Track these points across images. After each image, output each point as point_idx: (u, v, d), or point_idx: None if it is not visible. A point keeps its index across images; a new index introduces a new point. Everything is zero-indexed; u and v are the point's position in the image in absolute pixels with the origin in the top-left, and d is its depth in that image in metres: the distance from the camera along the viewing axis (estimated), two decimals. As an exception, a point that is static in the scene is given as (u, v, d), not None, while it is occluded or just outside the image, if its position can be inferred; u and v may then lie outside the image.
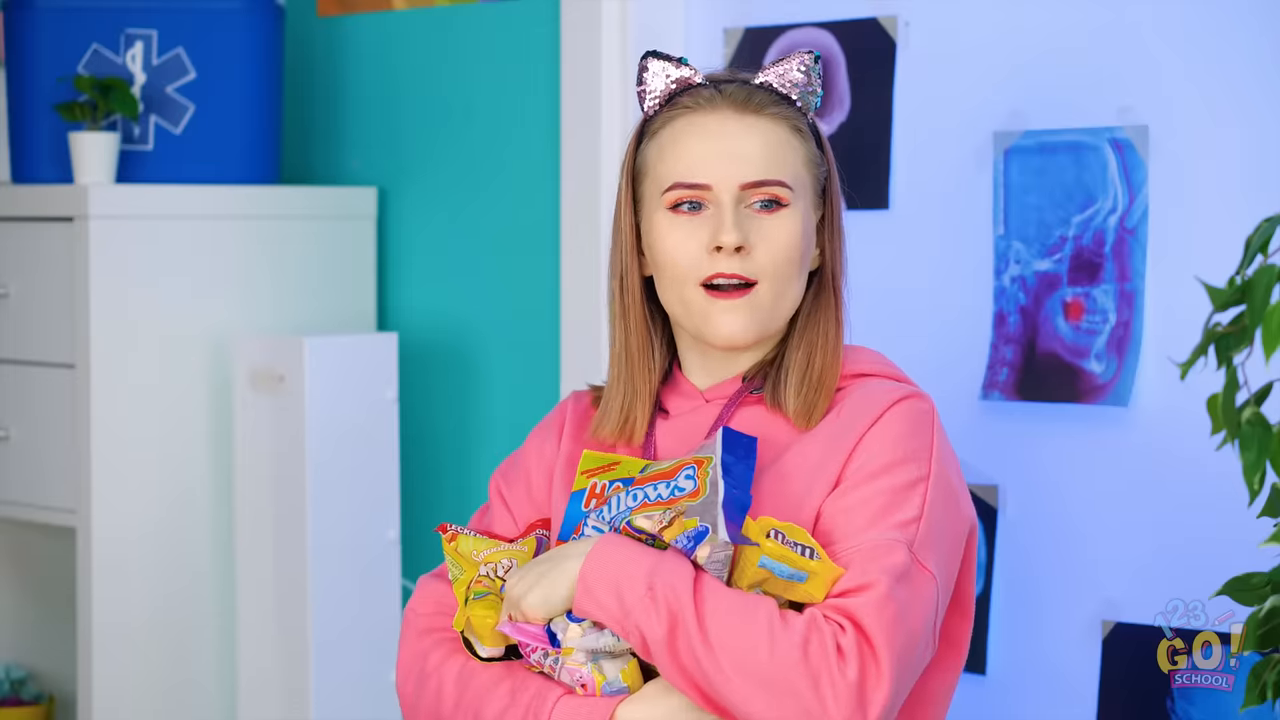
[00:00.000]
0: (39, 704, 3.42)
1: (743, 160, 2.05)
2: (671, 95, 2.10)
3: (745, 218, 2.04)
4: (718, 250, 2.03)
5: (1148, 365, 2.55)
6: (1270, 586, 1.80)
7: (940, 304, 2.75)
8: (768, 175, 2.05)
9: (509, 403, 3.19)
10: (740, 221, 2.03)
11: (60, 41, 3.18)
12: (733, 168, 2.04)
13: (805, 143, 2.09)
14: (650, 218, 2.09)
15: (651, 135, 2.10)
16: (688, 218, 2.05)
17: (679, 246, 2.05)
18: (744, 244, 2.03)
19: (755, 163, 2.05)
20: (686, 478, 1.96)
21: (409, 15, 3.32)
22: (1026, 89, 2.67)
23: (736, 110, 2.06)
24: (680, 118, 2.08)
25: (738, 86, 2.08)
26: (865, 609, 1.88)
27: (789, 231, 2.05)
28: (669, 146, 2.07)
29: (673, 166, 2.06)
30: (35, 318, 3.16)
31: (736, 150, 2.05)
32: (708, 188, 2.04)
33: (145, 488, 3.13)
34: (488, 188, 3.23)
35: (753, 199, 2.05)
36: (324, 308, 3.30)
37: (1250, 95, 2.48)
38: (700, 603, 1.87)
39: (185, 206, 3.17)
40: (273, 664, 3.12)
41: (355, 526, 3.13)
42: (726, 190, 2.04)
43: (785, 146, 2.07)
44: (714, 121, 2.06)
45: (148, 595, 3.13)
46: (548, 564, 1.95)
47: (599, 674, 1.94)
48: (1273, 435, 1.64)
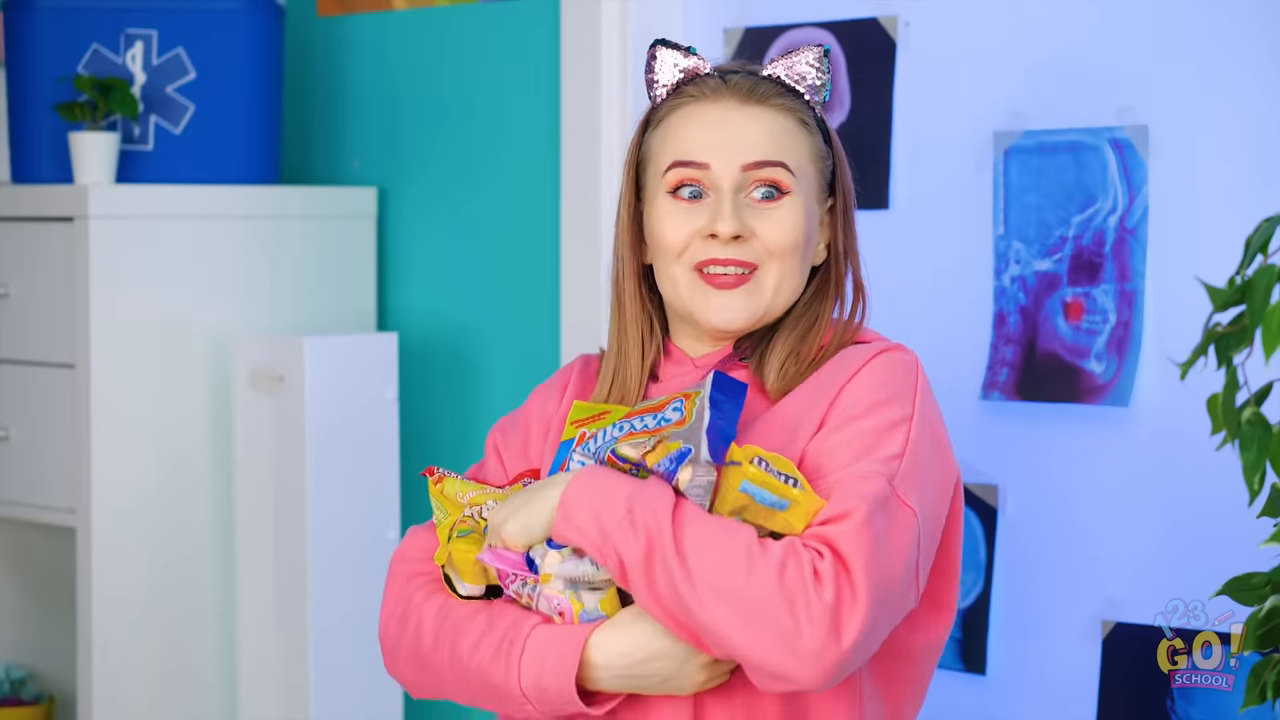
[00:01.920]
0: (39, 704, 3.43)
1: (745, 144, 2.05)
2: (678, 85, 2.10)
3: (745, 207, 2.05)
4: (713, 237, 2.03)
5: (1148, 365, 2.55)
6: (1270, 586, 1.80)
7: (940, 304, 2.75)
8: (771, 156, 2.05)
9: (509, 403, 3.19)
10: (739, 210, 2.04)
11: (60, 41, 3.18)
12: (735, 150, 2.04)
13: (811, 136, 2.09)
14: (651, 203, 2.10)
15: (656, 123, 2.11)
16: (687, 204, 2.06)
17: (675, 230, 2.05)
18: (742, 232, 2.03)
19: (758, 145, 2.05)
20: (674, 409, 1.96)
21: (409, 15, 3.32)
22: (1026, 89, 2.67)
23: (741, 100, 2.06)
24: (685, 106, 2.08)
25: (743, 77, 2.08)
26: (843, 536, 1.88)
27: (790, 220, 2.05)
28: (671, 132, 2.08)
29: (674, 148, 2.07)
30: (35, 318, 3.16)
31: (739, 135, 2.05)
32: (706, 167, 2.04)
33: (145, 488, 3.13)
34: (488, 188, 3.23)
35: (753, 185, 2.05)
36: (324, 308, 3.30)
37: (1250, 95, 2.48)
38: (679, 527, 1.87)
39: (185, 206, 3.17)
40: (273, 663, 3.12)
41: (355, 526, 3.13)
42: (727, 174, 2.04)
43: (789, 136, 2.07)
44: (717, 111, 2.06)
45: (148, 595, 3.13)
46: (530, 493, 1.96)
47: (577, 602, 1.94)
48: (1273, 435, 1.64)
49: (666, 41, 2.11)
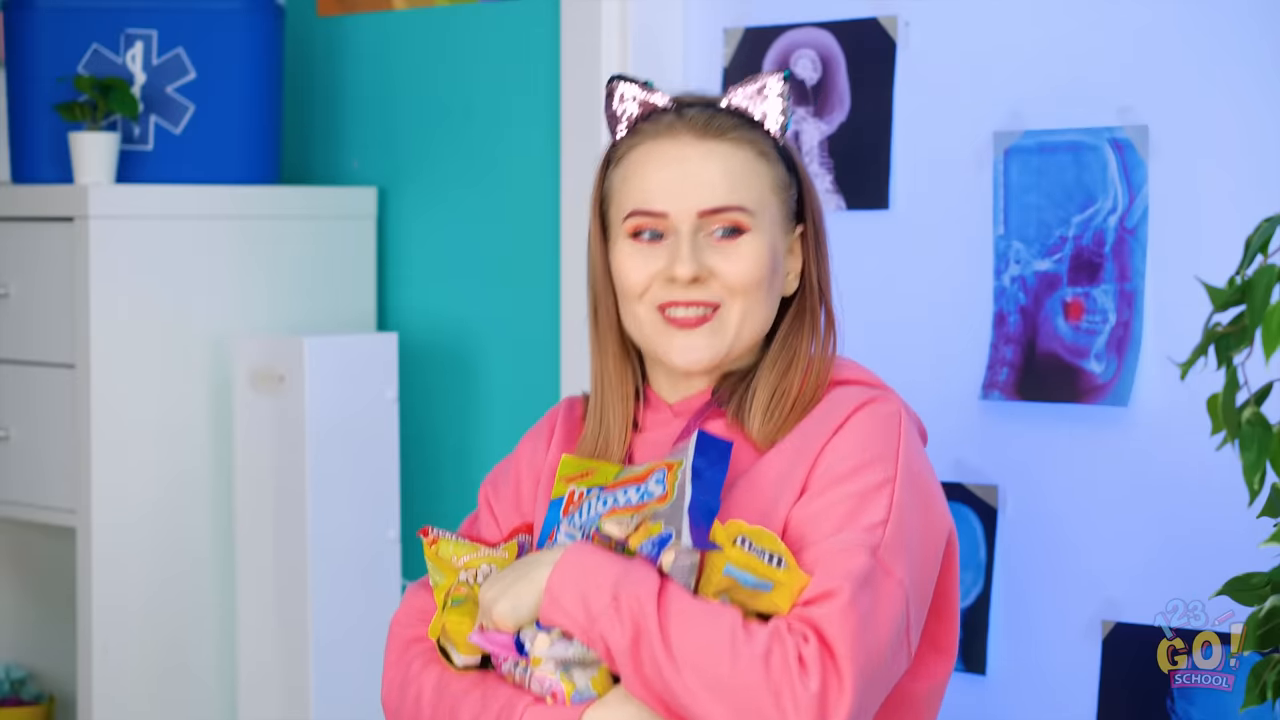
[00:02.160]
0: (39, 704, 3.43)
1: (701, 186, 2.02)
2: (637, 120, 2.07)
3: (704, 247, 2.02)
4: (673, 280, 2.02)
5: (1148, 365, 2.55)
6: (1270, 586, 1.80)
7: (940, 304, 2.75)
8: (727, 201, 2.02)
9: (509, 403, 3.19)
10: (698, 251, 2.01)
11: (60, 41, 3.18)
12: (691, 194, 2.02)
13: (772, 166, 2.06)
14: (614, 244, 2.07)
15: (617, 161, 2.08)
16: (648, 246, 2.04)
17: (635, 271, 2.03)
18: (700, 274, 2.01)
19: (715, 188, 2.02)
20: (656, 482, 1.95)
21: (409, 15, 3.32)
22: (1026, 89, 2.67)
23: (696, 135, 2.03)
24: (641, 144, 2.06)
25: (699, 111, 2.06)
26: (828, 619, 1.86)
27: (751, 257, 2.03)
28: (630, 173, 2.05)
29: (632, 194, 2.04)
30: (35, 318, 3.16)
31: (695, 176, 2.02)
32: (665, 215, 2.02)
33: (145, 488, 3.13)
34: (488, 187, 3.23)
35: (713, 226, 2.03)
36: (324, 308, 3.30)
37: (1250, 95, 2.48)
38: (664, 613, 1.86)
39: (185, 206, 3.17)
40: (273, 663, 3.12)
41: (355, 526, 3.13)
42: (685, 218, 2.02)
43: (748, 171, 2.04)
44: (674, 148, 2.04)
45: (147, 595, 3.13)
46: (517, 573, 1.95)
47: (568, 683, 1.93)
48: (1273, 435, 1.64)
49: (624, 76, 2.08)
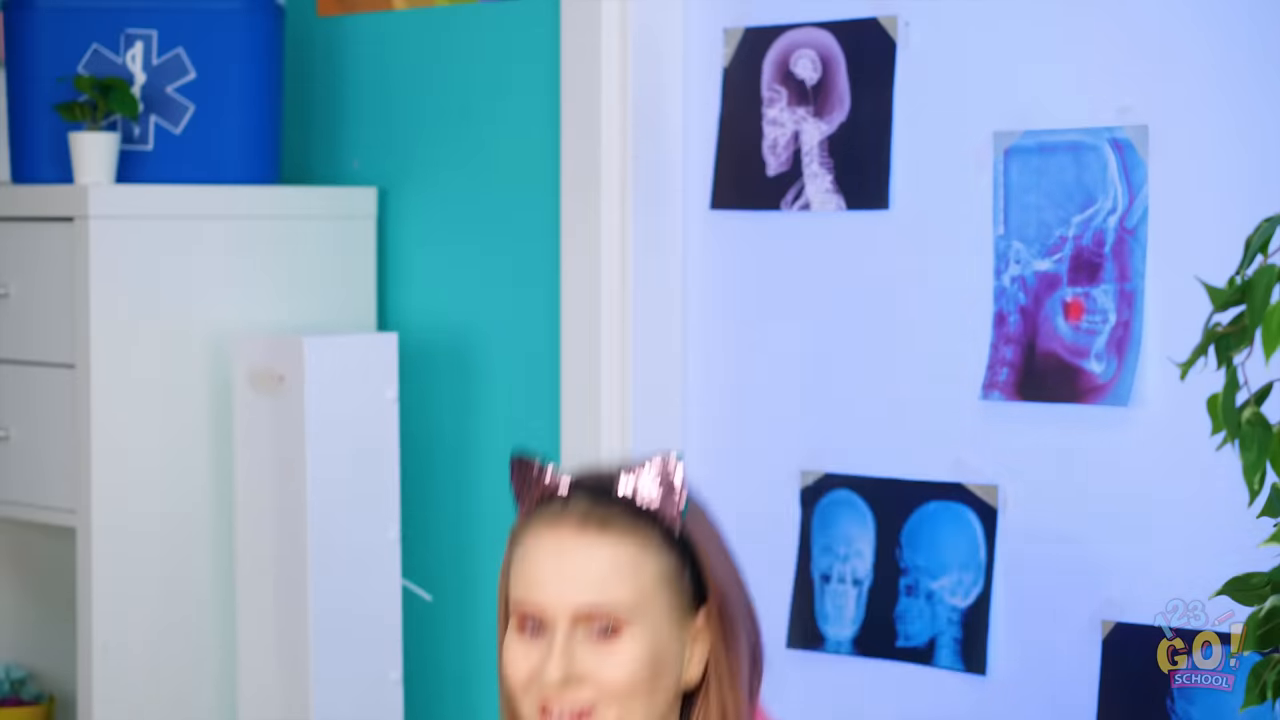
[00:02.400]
0: (39, 704, 3.42)
1: (577, 584, 1.93)
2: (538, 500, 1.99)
3: (580, 645, 1.94)
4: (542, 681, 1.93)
5: (1148, 365, 2.54)
6: (1270, 586, 1.80)
7: (940, 304, 2.75)
8: (600, 600, 1.93)
9: (509, 403, 3.19)
10: (571, 651, 1.93)
11: (60, 41, 3.18)
12: (567, 592, 1.93)
13: (658, 557, 1.95)
14: (504, 630, 2.00)
15: (514, 542, 2.00)
16: (530, 640, 1.95)
17: (514, 666, 1.95)
18: (571, 676, 1.92)
19: (589, 587, 1.93)
20: None
21: (409, 15, 3.32)
22: (1026, 89, 2.67)
23: (577, 528, 1.94)
24: (531, 530, 1.97)
25: (585, 500, 1.97)
26: None
27: (628, 660, 1.93)
28: (521, 560, 1.97)
29: (518, 583, 1.97)
30: (35, 318, 3.16)
31: (572, 573, 1.94)
32: (543, 611, 1.94)
33: (145, 488, 3.12)
34: (488, 188, 3.22)
35: (588, 625, 1.93)
36: (324, 308, 3.30)
37: (1250, 95, 2.48)
38: None
39: (185, 206, 3.17)
40: (273, 663, 3.12)
41: (355, 526, 3.13)
42: (560, 615, 1.93)
43: (629, 566, 1.94)
44: (554, 541, 1.95)
45: (148, 595, 3.13)
46: None
47: None
48: (1273, 435, 1.64)
49: (523, 456, 2.00)
